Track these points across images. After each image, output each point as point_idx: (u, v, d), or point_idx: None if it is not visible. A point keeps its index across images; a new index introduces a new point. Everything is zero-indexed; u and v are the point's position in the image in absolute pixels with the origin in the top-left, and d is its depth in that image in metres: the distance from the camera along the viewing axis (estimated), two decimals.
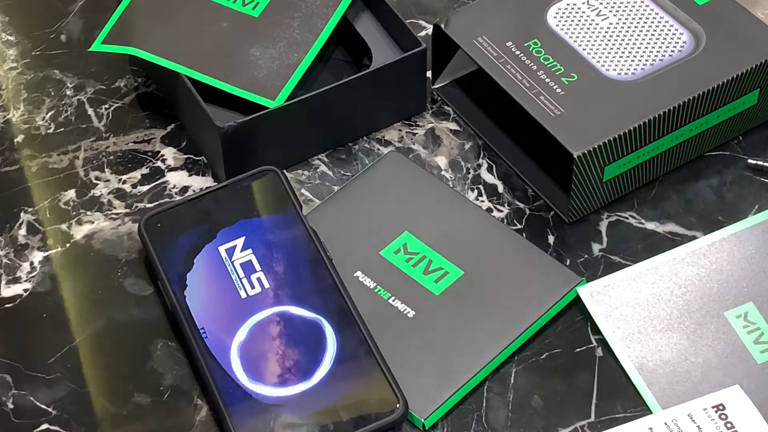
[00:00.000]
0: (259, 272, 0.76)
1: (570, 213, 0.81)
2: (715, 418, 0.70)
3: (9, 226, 0.83)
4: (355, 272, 0.78)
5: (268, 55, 0.85)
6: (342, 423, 0.70)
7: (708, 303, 0.76)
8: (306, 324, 0.74)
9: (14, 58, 0.93)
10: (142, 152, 0.87)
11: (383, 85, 0.85)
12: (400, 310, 0.76)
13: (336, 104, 0.84)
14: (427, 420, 0.72)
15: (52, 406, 0.74)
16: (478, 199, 0.83)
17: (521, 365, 0.75)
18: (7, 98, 0.91)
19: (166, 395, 0.74)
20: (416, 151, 0.86)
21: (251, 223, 0.79)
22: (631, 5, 0.86)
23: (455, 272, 0.78)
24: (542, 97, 0.81)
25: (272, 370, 0.73)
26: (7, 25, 0.96)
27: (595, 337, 0.76)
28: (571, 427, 0.72)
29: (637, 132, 0.79)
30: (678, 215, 0.82)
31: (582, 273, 0.79)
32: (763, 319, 0.75)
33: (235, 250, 0.78)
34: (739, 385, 0.72)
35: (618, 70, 0.82)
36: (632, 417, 0.72)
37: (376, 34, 0.89)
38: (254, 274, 0.76)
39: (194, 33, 0.86)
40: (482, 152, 0.86)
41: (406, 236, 0.79)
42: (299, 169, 0.85)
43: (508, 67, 0.82)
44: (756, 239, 0.79)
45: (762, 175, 0.84)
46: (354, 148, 0.87)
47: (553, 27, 0.85)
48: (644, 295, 0.77)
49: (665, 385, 0.73)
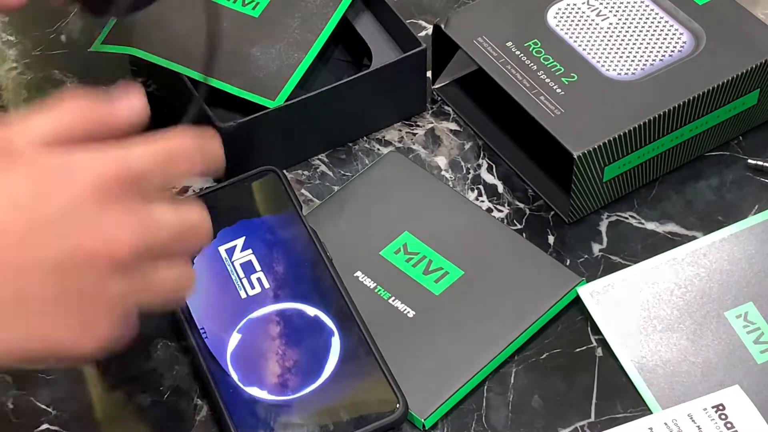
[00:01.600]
0: (259, 272, 0.76)
1: (570, 213, 0.81)
2: (715, 418, 0.70)
3: None
4: (355, 272, 0.78)
5: (268, 55, 0.85)
6: (342, 423, 0.70)
7: (708, 303, 0.76)
8: (306, 324, 0.74)
9: (14, 58, 0.93)
10: None
11: (383, 85, 0.85)
12: (400, 310, 0.76)
13: (336, 104, 0.84)
14: (427, 420, 0.72)
15: (52, 406, 0.74)
16: (478, 199, 0.83)
17: (521, 365, 0.75)
18: (7, 98, 0.91)
19: (166, 395, 0.74)
20: (416, 151, 0.86)
21: (251, 223, 0.79)
22: (631, 5, 0.86)
23: (455, 272, 0.78)
24: (542, 97, 0.81)
25: (272, 370, 0.73)
26: (7, 25, 0.96)
27: (595, 337, 0.76)
28: (571, 427, 0.72)
29: (637, 132, 0.79)
30: (678, 215, 0.82)
31: (582, 273, 0.79)
32: (763, 319, 0.75)
33: (235, 250, 0.78)
34: (739, 385, 0.72)
35: (618, 70, 0.82)
36: (632, 417, 0.72)
37: (376, 34, 0.89)
38: (254, 274, 0.76)
39: (194, 33, 0.86)
40: (482, 152, 0.86)
41: (406, 236, 0.79)
42: (299, 169, 0.85)
43: (508, 67, 0.82)
44: (756, 239, 0.79)
45: (762, 175, 0.84)
46: (354, 148, 0.87)
47: (553, 27, 0.85)
48: (644, 295, 0.77)
49: (665, 385, 0.73)
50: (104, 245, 0.58)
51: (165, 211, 0.60)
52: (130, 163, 0.59)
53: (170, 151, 0.61)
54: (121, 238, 0.58)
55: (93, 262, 0.58)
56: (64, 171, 0.58)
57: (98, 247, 0.58)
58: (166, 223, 0.60)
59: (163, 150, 0.61)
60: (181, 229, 0.61)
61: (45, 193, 0.58)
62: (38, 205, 0.58)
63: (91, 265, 0.58)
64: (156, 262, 0.60)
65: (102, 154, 0.59)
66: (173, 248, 0.61)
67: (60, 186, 0.58)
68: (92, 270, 0.58)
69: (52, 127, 0.60)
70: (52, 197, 0.58)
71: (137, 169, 0.59)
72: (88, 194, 0.58)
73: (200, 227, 0.62)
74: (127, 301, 0.59)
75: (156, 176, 0.60)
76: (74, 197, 0.58)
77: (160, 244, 0.60)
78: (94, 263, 0.58)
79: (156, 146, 0.61)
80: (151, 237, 0.59)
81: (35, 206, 0.57)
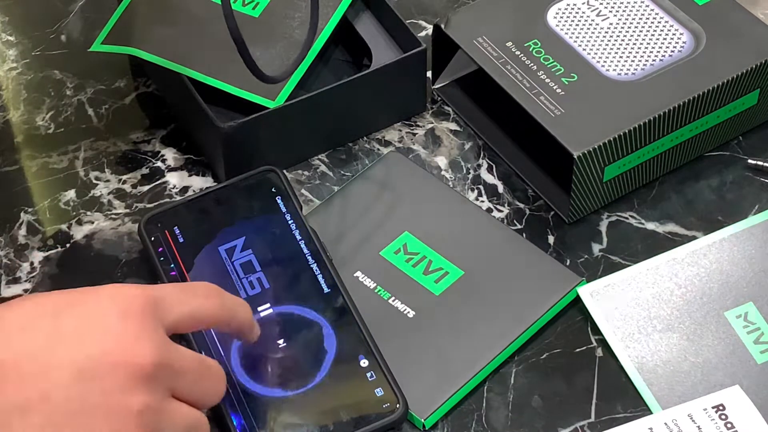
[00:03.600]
0: (259, 272, 0.76)
1: (570, 213, 0.81)
2: (715, 418, 0.70)
3: (9, 226, 0.83)
4: (355, 272, 0.78)
5: (268, 55, 0.85)
6: (342, 423, 0.70)
7: (708, 303, 0.76)
8: (306, 324, 0.74)
9: (14, 58, 0.93)
10: (142, 152, 0.87)
11: (383, 85, 0.85)
12: (400, 310, 0.76)
13: (336, 104, 0.84)
14: (427, 420, 0.72)
15: None
16: (478, 199, 0.83)
17: (521, 365, 0.75)
18: (7, 98, 0.91)
19: None
20: (416, 151, 0.86)
21: (251, 223, 0.79)
22: (631, 5, 0.86)
23: (455, 272, 0.78)
24: (542, 97, 0.81)
25: (272, 370, 0.73)
26: (7, 25, 0.96)
27: (595, 337, 0.76)
28: (571, 427, 0.72)
29: (637, 132, 0.79)
30: (678, 215, 0.82)
31: (582, 273, 0.79)
32: (763, 319, 0.75)
33: (235, 250, 0.78)
34: (739, 385, 0.72)
35: (618, 70, 0.82)
36: (632, 417, 0.72)
37: (376, 34, 0.89)
38: (254, 274, 0.76)
39: (194, 33, 0.86)
40: (482, 152, 0.86)
41: (406, 236, 0.79)
42: (299, 169, 0.85)
43: (508, 67, 0.82)
44: (756, 239, 0.79)
45: (762, 175, 0.84)
46: (354, 148, 0.87)
47: (553, 27, 0.85)
48: (644, 295, 0.77)
49: (665, 385, 0.73)
50: (128, 354, 0.60)
51: (185, 349, 0.63)
52: (155, 291, 0.63)
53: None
54: (145, 348, 0.60)
55: (116, 369, 0.59)
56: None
57: (122, 357, 0.60)
58: (187, 354, 0.63)
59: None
60: (201, 366, 0.63)
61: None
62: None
63: (114, 371, 0.59)
64: (175, 396, 0.62)
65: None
66: (192, 387, 0.62)
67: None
68: (114, 377, 0.59)
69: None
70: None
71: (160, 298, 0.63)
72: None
73: (218, 372, 0.64)
74: (151, 417, 0.60)
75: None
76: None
77: (180, 369, 0.61)
78: (117, 371, 0.59)
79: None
80: (174, 356, 0.61)
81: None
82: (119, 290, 0.62)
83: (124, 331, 0.60)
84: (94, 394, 0.59)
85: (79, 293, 0.62)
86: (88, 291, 0.62)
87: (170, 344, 0.62)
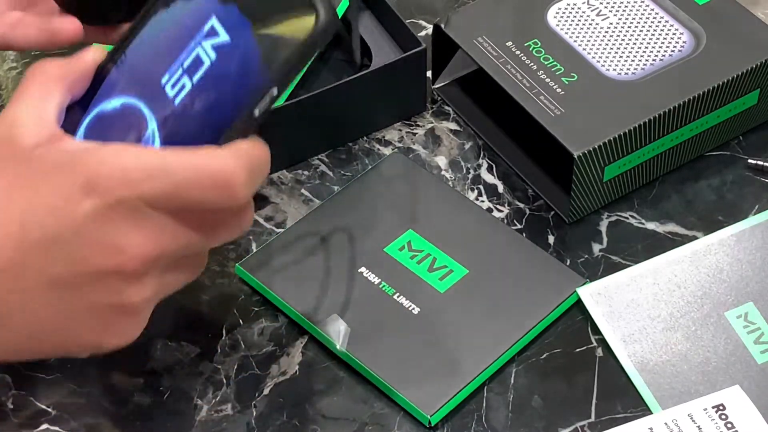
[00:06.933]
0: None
1: (570, 213, 0.81)
2: (715, 418, 0.70)
3: None
4: (360, 268, 0.78)
5: None
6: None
7: (708, 303, 0.76)
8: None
9: (14, 58, 0.93)
10: None
11: (383, 85, 0.85)
12: (405, 306, 0.76)
13: (336, 104, 0.84)
14: (433, 416, 0.72)
15: (52, 406, 0.74)
16: (478, 199, 0.83)
17: (521, 365, 0.75)
18: (6, 98, 0.91)
19: (166, 395, 0.74)
20: (416, 151, 0.86)
21: None
22: (631, 5, 0.86)
23: (460, 271, 0.78)
24: (542, 97, 0.81)
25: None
26: None
27: (595, 337, 0.76)
28: (571, 427, 0.72)
29: (637, 132, 0.79)
30: (678, 215, 0.82)
31: (582, 273, 0.79)
32: (763, 319, 0.75)
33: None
34: (739, 385, 0.72)
35: (618, 70, 0.82)
36: (632, 417, 0.72)
37: (376, 34, 0.89)
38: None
39: None
40: (482, 152, 0.86)
41: (411, 234, 0.80)
42: (299, 169, 0.85)
43: (508, 67, 0.82)
44: (756, 239, 0.79)
45: (762, 175, 0.84)
46: (354, 148, 0.87)
47: (553, 27, 0.85)
48: (644, 295, 0.77)
49: (665, 385, 0.73)
50: (110, 259, 0.57)
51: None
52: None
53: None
54: (128, 250, 0.57)
55: (101, 277, 0.57)
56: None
57: (105, 263, 0.57)
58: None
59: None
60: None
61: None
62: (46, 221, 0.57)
63: (100, 280, 0.57)
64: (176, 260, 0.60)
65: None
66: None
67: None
68: (103, 285, 0.58)
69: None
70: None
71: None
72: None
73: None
74: (151, 302, 0.60)
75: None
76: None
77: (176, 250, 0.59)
78: (103, 278, 0.57)
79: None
80: (168, 241, 0.58)
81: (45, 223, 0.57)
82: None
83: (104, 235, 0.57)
84: (81, 300, 0.58)
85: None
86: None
87: (162, 225, 0.58)
